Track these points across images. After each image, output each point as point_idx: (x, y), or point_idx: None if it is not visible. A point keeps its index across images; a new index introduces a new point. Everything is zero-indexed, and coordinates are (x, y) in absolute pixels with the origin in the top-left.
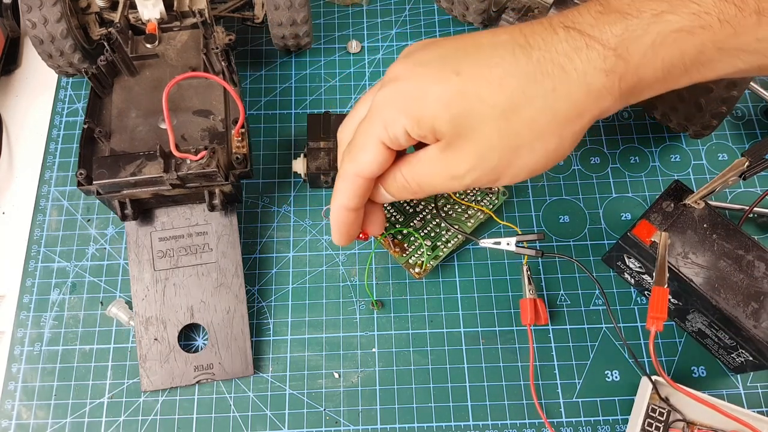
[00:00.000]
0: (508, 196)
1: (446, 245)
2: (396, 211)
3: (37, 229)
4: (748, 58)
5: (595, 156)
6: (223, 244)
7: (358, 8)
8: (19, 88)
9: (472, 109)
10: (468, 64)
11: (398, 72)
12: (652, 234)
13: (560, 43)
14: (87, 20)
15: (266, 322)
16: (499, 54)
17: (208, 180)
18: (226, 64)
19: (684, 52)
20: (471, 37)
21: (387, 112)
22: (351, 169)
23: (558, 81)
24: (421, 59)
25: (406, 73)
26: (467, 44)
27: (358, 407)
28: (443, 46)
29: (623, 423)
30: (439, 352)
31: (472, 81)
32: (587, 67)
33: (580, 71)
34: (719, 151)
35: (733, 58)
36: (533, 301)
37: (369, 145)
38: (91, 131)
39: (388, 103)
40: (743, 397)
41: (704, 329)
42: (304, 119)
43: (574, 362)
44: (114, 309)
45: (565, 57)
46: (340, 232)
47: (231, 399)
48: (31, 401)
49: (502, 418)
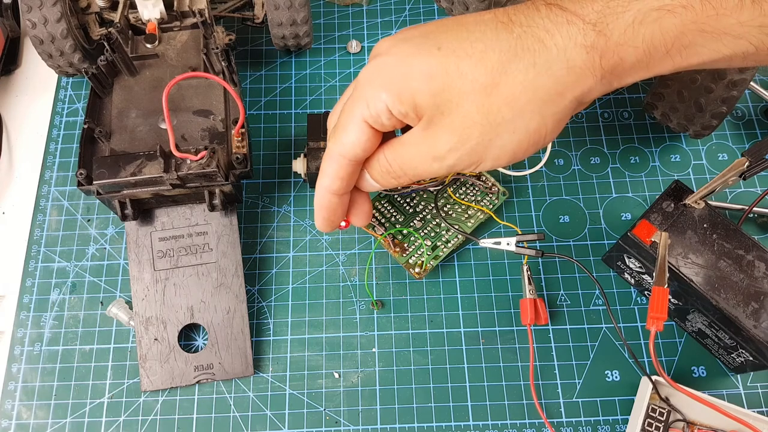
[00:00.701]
0: (508, 196)
1: (446, 245)
2: (396, 211)
3: (37, 229)
4: (731, 42)
5: (595, 156)
6: (223, 244)
7: (358, 8)
8: (19, 88)
9: (452, 83)
10: (450, 39)
11: (382, 48)
12: (652, 234)
13: (541, 19)
14: (87, 20)
15: (266, 322)
16: (480, 30)
17: (208, 180)
18: (226, 64)
19: (665, 32)
20: (456, 18)
21: (369, 89)
22: (335, 149)
23: (538, 56)
24: (405, 36)
25: (389, 49)
26: (451, 22)
27: (358, 407)
28: (428, 24)
29: (623, 423)
30: (439, 352)
31: (454, 55)
32: (567, 43)
33: (561, 47)
34: (719, 151)
35: (716, 42)
36: (533, 301)
37: (352, 124)
38: (91, 131)
39: (370, 79)
40: (743, 397)
41: (704, 329)
42: (304, 119)
43: (574, 362)
44: (114, 309)
45: (545, 32)
46: (321, 217)
47: (231, 399)
48: (31, 401)
49: (502, 418)
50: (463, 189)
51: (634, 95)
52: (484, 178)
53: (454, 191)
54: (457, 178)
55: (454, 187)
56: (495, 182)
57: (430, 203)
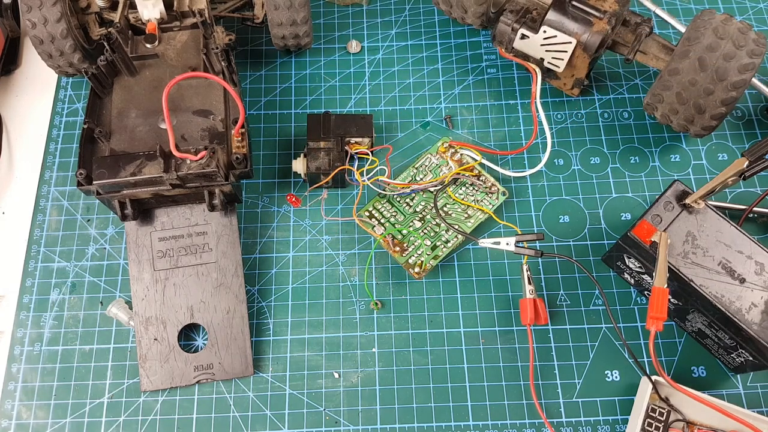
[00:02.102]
0: (508, 196)
1: (446, 245)
2: (396, 211)
3: (37, 229)
4: None
5: (595, 156)
6: (223, 244)
7: (358, 8)
8: (19, 88)
9: None
10: None
11: None
12: (652, 234)
13: None
14: (87, 20)
15: (266, 322)
16: None
17: (208, 180)
18: (226, 64)
19: None
20: None
21: None
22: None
23: None
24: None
25: None
26: None
27: (358, 407)
28: None
29: (623, 423)
30: (439, 352)
31: None
32: None
33: None
34: (719, 151)
35: None
36: (533, 301)
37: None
38: (91, 131)
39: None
40: (743, 397)
41: (704, 329)
42: (304, 119)
43: (574, 362)
44: (114, 309)
45: None
46: None
47: (231, 399)
48: (31, 401)
49: (502, 418)
50: (462, 189)
51: (634, 95)
52: (483, 178)
53: (453, 191)
54: (457, 178)
55: (453, 187)
56: (495, 182)
57: (430, 203)
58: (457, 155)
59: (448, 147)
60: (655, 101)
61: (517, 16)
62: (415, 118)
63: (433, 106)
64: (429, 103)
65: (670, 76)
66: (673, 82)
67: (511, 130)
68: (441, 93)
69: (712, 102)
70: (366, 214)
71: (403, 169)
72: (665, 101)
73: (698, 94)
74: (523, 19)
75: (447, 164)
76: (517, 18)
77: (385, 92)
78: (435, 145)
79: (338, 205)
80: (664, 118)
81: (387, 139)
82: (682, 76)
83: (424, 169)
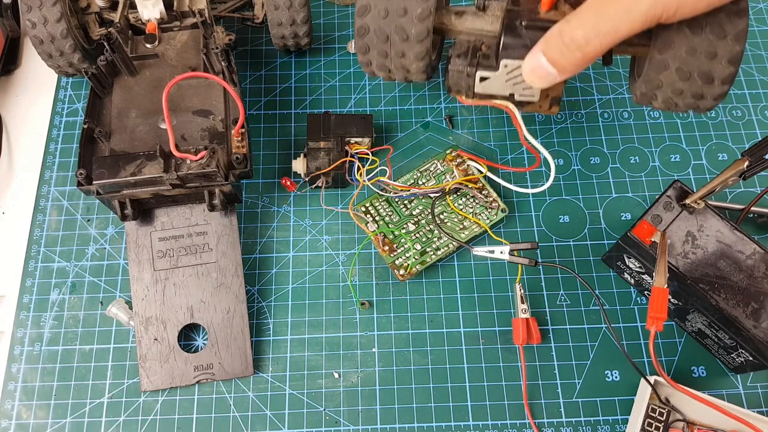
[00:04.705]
0: (507, 213)
1: (435, 252)
2: (393, 211)
3: (37, 229)
4: None
5: (595, 156)
6: (223, 244)
7: None
8: (19, 88)
9: None
10: None
11: None
12: (652, 234)
13: None
14: (87, 20)
15: (266, 322)
16: None
17: (208, 180)
18: (226, 64)
19: None
20: None
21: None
22: None
23: None
24: None
25: None
26: None
27: (358, 407)
28: None
29: (623, 423)
30: (439, 352)
31: None
32: None
33: None
34: (719, 151)
35: None
36: (526, 321)
37: None
38: (91, 131)
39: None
40: (743, 397)
41: (704, 329)
42: (304, 119)
43: (574, 362)
44: (114, 309)
45: None
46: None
47: (231, 399)
48: (31, 401)
49: (502, 418)
50: (462, 200)
51: None
52: (486, 192)
53: (453, 201)
54: (459, 188)
55: (454, 196)
56: (497, 198)
57: (427, 208)
58: (464, 165)
59: (456, 156)
60: (652, 88)
61: (467, 58)
62: (415, 118)
63: (433, 106)
64: (429, 103)
65: (661, 54)
66: (668, 58)
67: (511, 130)
68: (441, 93)
69: (718, 65)
70: (362, 209)
71: (405, 169)
72: (665, 84)
73: (701, 62)
74: (475, 60)
75: (452, 173)
76: (468, 61)
77: (385, 92)
78: (443, 151)
79: (338, 204)
80: (667, 103)
81: (387, 139)
82: (676, 49)
83: (429, 174)
